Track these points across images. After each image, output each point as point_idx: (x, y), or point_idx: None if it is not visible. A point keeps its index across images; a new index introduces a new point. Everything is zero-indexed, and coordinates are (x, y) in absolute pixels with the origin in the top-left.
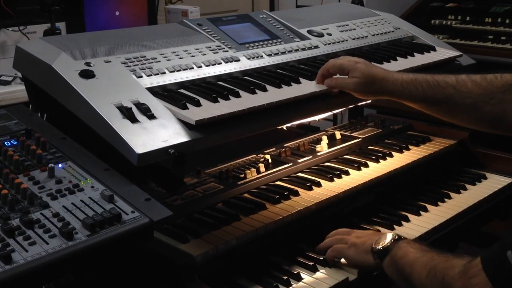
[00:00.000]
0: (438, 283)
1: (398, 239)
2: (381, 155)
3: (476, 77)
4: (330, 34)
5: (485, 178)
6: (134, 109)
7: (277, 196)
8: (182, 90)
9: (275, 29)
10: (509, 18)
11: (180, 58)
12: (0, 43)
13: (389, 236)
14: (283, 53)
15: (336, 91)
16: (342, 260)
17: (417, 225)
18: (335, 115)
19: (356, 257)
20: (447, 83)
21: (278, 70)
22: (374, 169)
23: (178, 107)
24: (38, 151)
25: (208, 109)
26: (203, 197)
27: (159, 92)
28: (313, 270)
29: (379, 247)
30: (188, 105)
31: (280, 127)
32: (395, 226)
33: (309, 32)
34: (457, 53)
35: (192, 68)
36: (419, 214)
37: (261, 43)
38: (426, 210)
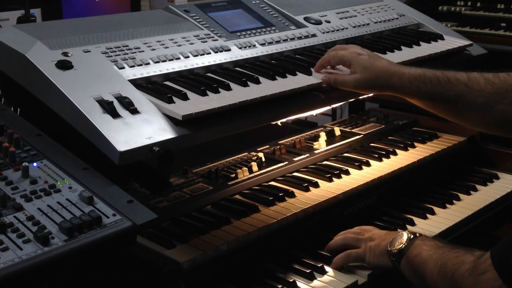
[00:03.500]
0: (449, 281)
1: (413, 238)
2: (384, 153)
3: (488, 75)
4: (328, 22)
5: (497, 178)
6: (116, 103)
7: (271, 198)
8: (167, 83)
9: (269, 16)
10: None
11: (166, 47)
12: None
13: (404, 236)
14: (278, 42)
15: (326, 86)
16: None
17: (423, 229)
18: (334, 110)
19: (373, 261)
20: (458, 80)
21: (272, 61)
22: (377, 168)
23: (163, 100)
24: (11, 149)
25: (196, 103)
26: (190, 198)
27: (142, 84)
28: (310, 278)
29: (395, 249)
30: (174, 98)
31: (274, 123)
32: (399, 230)
33: (306, 19)
34: (466, 42)
35: (179, 58)
36: (425, 217)
37: (253, 31)
38: (433, 213)
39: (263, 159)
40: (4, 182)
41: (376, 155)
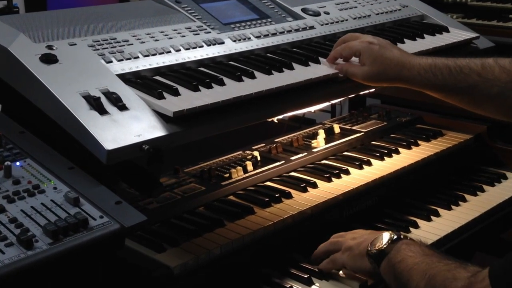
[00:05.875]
0: None
1: (396, 239)
2: (386, 151)
3: (504, 62)
4: (327, 13)
5: (505, 178)
6: (103, 99)
7: (266, 199)
8: (158, 77)
9: (265, 7)
10: None
11: (156, 40)
12: None
13: (385, 237)
14: (274, 34)
15: (343, 76)
16: (341, 272)
17: (427, 231)
18: (333, 106)
19: (351, 262)
20: (471, 69)
21: (268, 54)
22: (378, 168)
23: (153, 96)
24: None
25: (188, 99)
26: (182, 199)
27: (131, 79)
28: (308, 283)
29: (375, 249)
30: (165, 94)
31: (270, 120)
32: (402, 233)
33: (303, 10)
34: (473, 34)
35: (170, 52)
36: (429, 220)
37: (248, 23)
38: (437, 214)
39: (259, 158)
40: None
41: (378, 154)
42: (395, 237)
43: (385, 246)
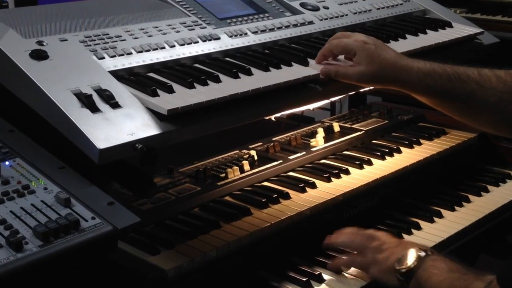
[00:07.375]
0: None
1: (424, 256)
2: (387, 151)
3: (500, 72)
4: (327, 8)
5: (510, 178)
6: (95, 96)
7: (264, 200)
8: (151, 74)
9: (262, 1)
10: None
11: (150, 36)
12: None
13: (412, 255)
14: (272, 30)
15: (325, 77)
16: (344, 274)
17: (430, 233)
18: (333, 104)
19: (380, 276)
20: (469, 77)
21: (266, 50)
22: (379, 168)
23: (147, 94)
24: None
25: (183, 97)
26: (176, 200)
27: (124, 76)
28: (307, 286)
29: (403, 269)
30: (159, 91)
31: (268, 118)
32: (404, 235)
33: (302, 5)
34: (477, 30)
35: (164, 48)
36: (432, 221)
37: (245, 18)
38: (440, 216)
39: (256, 158)
40: None
41: (379, 153)
42: (423, 254)
43: (413, 265)
